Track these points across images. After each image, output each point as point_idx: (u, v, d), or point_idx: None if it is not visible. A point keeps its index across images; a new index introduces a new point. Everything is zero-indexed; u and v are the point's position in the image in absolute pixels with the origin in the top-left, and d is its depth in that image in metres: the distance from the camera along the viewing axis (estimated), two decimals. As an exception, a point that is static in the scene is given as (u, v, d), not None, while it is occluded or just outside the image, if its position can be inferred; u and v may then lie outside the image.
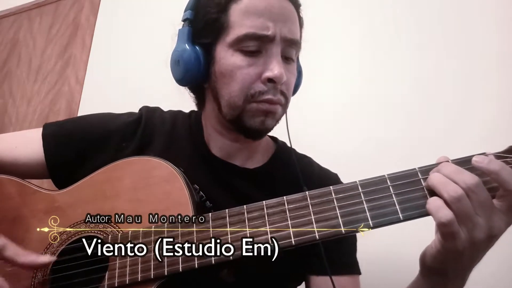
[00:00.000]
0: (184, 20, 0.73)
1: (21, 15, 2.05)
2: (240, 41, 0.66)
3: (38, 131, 0.77)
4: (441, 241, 0.50)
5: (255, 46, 0.66)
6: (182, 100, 0.82)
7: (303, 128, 0.88)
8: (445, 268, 0.53)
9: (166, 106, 0.86)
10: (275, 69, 0.65)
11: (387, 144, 1.10)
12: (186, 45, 0.70)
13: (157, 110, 0.83)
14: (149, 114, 0.80)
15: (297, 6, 0.72)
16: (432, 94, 1.10)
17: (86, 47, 1.80)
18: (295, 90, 0.78)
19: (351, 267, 0.75)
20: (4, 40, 2.05)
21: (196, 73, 0.70)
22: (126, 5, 1.76)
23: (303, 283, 0.77)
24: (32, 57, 1.93)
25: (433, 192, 0.50)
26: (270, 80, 0.66)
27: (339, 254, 0.72)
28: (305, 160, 0.83)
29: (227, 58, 0.67)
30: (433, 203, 0.49)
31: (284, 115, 0.74)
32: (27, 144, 0.77)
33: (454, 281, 0.54)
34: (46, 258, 0.60)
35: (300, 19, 0.74)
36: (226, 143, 0.76)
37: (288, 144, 0.79)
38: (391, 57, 1.18)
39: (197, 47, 0.70)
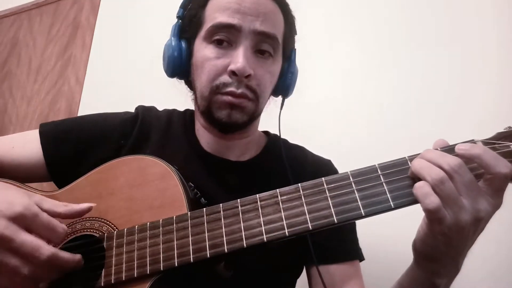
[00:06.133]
0: (177, 17, 0.77)
1: (21, 15, 2.05)
2: (210, 33, 0.69)
3: (35, 131, 0.78)
4: (428, 225, 0.50)
5: (223, 36, 0.68)
6: (182, 100, 0.82)
7: (298, 126, 0.88)
8: (436, 253, 0.52)
9: (166, 106, 0.87)
10: (238, 62, 0.66)
11: (382, 139, 1.10)
12: (173, 38, 0.74)
13: (152, 108, 0.85)
14: (145, 112, 0.82)
15: (281, 4, 0.73)
16: (427, 89, 1.11)
17: (86, 47, 1.80)
18: (288, 90, 0.78)
19: (349, 254, 0.76)
20: (4, 40, 2.05)
21: (178, 65, 0.73)
22: (126, 5, 1.76)
23: (302, 280, 0.78)
24: (32, 57, 1.93)
25: (418, 179, 0.50)
26: (234, 72, 0.66)
27: (337, 242, 0.73)
28: (298, 149, 0.84)
29: (201, 50, 0.70)
30: (420, 189, 0.49)
31: (278, 112, 0.74)
32: (24, 144, 0.76)
33: (447, 267, 0.54)
34: (84, 206, 0.60)
35: (288, 16, 0.74)
36: (213, 138, 0.77)
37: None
38: (388, 54, 1.18)
39: (182, 42, 0.74)
